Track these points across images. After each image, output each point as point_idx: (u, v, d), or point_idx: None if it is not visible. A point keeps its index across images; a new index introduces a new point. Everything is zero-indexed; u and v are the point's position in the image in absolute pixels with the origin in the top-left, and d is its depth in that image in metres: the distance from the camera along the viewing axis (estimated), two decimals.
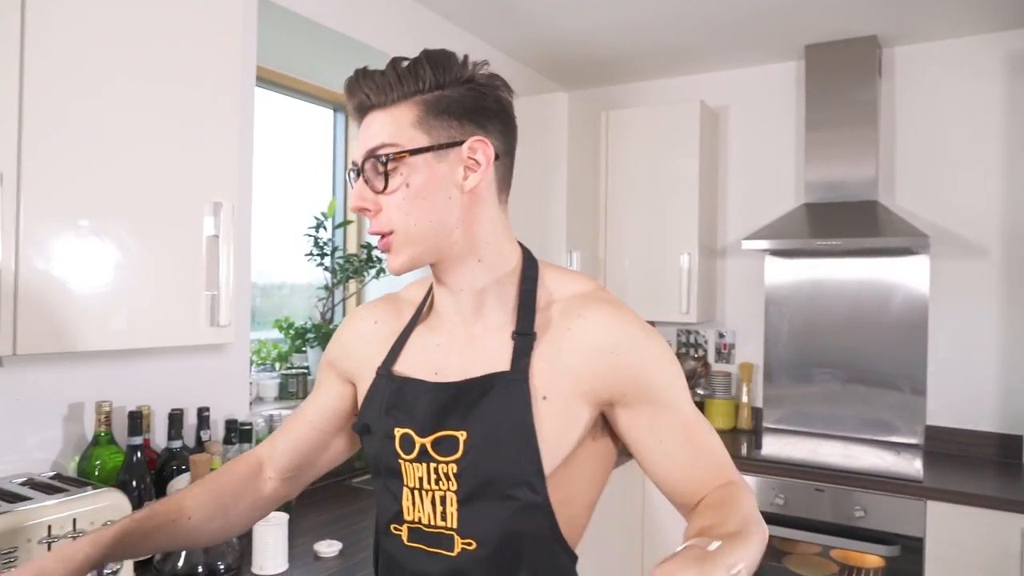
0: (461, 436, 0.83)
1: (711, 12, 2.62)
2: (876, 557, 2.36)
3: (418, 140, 0.81)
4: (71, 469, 1.53)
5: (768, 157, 3.19)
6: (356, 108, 0.85)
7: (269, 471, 1.03)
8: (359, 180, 0.83)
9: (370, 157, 0.82)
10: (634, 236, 3.14)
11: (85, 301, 1.26)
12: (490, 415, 0.82)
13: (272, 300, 2.67)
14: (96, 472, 1.51)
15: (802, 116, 3.02)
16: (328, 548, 1.57)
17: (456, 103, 0.82)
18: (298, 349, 2.58)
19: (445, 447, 0.83)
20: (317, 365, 2.51)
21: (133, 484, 1.49)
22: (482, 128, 0.84)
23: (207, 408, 1.75)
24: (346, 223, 2.75)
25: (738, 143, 3.26)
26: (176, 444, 1.61)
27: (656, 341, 0.86)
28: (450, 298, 0.90)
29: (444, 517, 0.84)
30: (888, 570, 2.34)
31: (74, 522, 1.26)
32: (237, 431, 1.75)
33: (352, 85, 0.84)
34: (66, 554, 0.84)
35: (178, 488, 1.48)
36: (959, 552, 2.21)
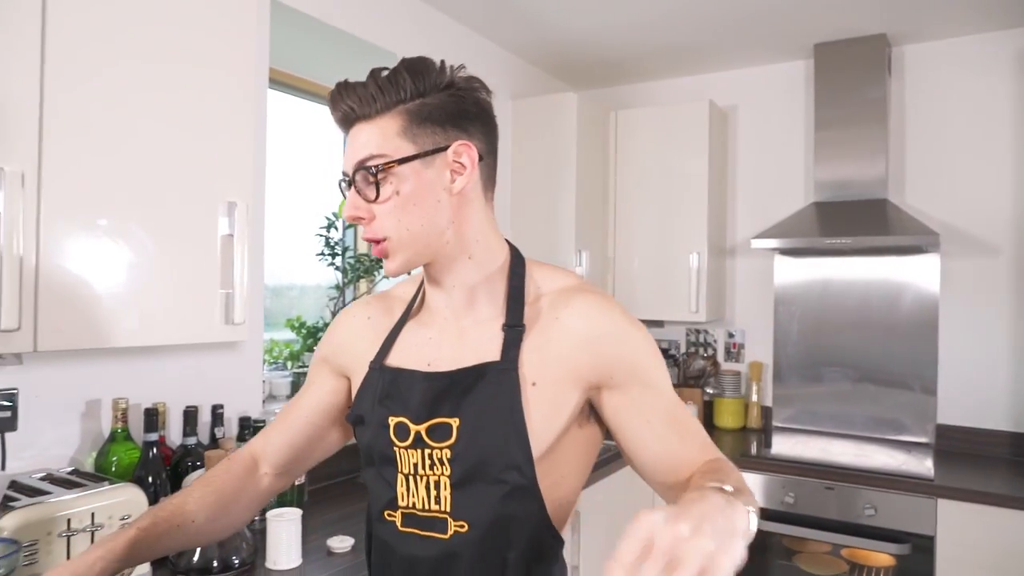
0: (454, 423, 0.87)
1: (720, 11, 2.62)
2: (886, 556, 2.36)
3: (404, 149, 0.85)
4: (88, 465, 1.55)
5: (777, 156, 3.19)
6: (341, 120, 0.88)
7: (265, 467, 1.05)
8: (351, 191, 0.86)
9: (360, 168, 0.85)
10: (643, 235, 3.14)
11: (103, 299, 1.28)
12: (482, 402, 0.86)
13: (282, 301, 2.69)
14: (113, 468, 1.54)
15: (811, 115, 3.01)
16: (341, 544, 1.59)
17: (438, 110, 0.86)
18: (310, 348, 2.60)
19: (439, 434, 0.87)
20: None
21: (149, 480, 1.51)
22: (465, 132, 0.87)
23: (221, 405, 1.77)
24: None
25: (747, 142, 3.26)
26: (191, 441, 1.63)
27: (640, 329, 0.90)
28: (442, 294, 0.94)
29: (438, 501, 0.88)
30: (898, 569, 2.34)
31: (92, 516, 1.29)
32: (250, 428, 1.78)
33: (335, 98, 0.87)
34: (80, 567, 0.85)
35: None
36: (970, 551, 2.21)
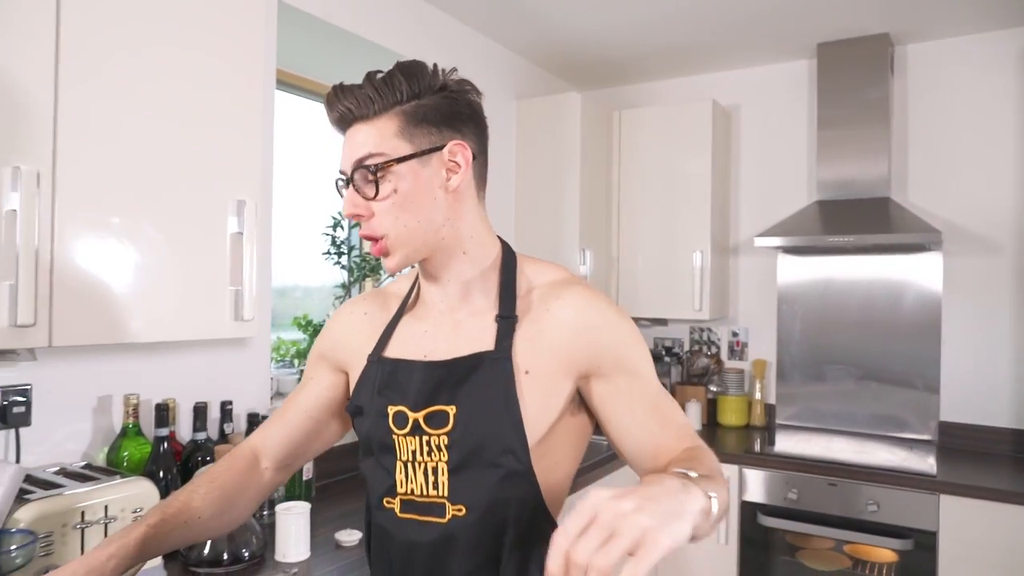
0: (451, 410, 0.90)
1: (723, 11, 2.64)
2: (889, 552, 2.37)
3: (402, 148, 0.88)
4: (100, 460, 1.58)
5: (780, 155, 3.20)
6: (337, 121, 0.91)
7: (265, 462, 1.07)
8: (349, 189, 0.89)
9: (359, 167, 0.87)
10: (647, 234, 3.16)
11: (116, 295, 1.31)
12: (478, 390, 0.90)
13: (286, 302, 2.71)
14: (124, 463, 1.56)
15: (814, 114, 3.03)
16: (348, 537, 1.61)
17: (433, 111, 0.89)
18: None
19: (436, 421, 0.91)
20: None
21: (160, 475, 1.54)
22: (459, 132, 0.91)
23: (230, 402, 1.79)
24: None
25: (750, 141, 3.28)
26: (201, 436, 1.66)
27: (627, 320, 0.94)
28: (437, 288, 0.97)
29: (436, 486, 0.91)
30: (901, 565, 2.35)
31: (106, 509, 1.31)
32: (259, 424, 1.78)
33: (332, 100, 0.90)
34: (95, 563, 0.87)
35: None
36: (972, 546, 2.22)
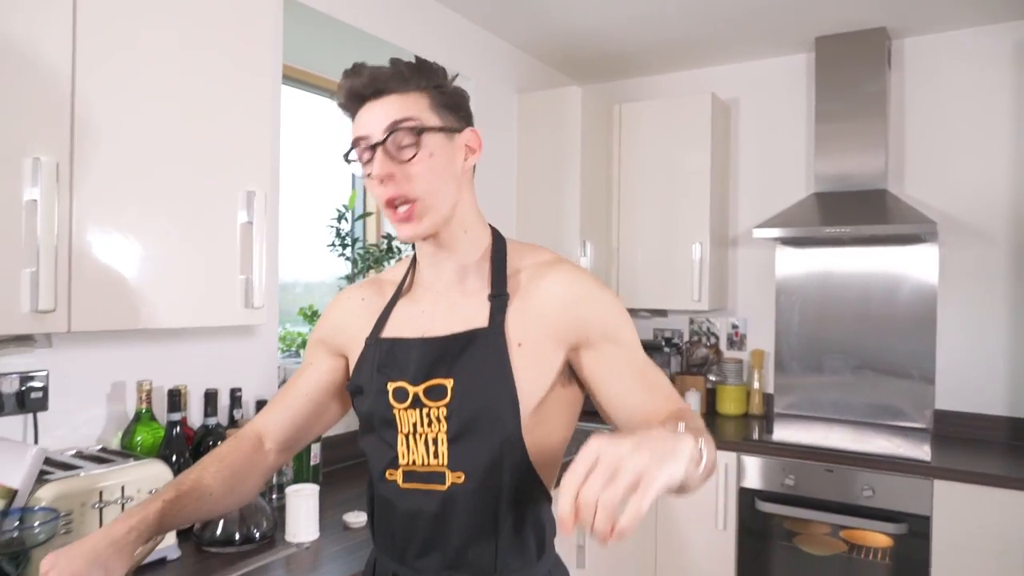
0: (449, 383, 0.95)
1: (722, 5, 2.67)
2: (884, 537, 2.41)
3: (434, 121, 0.95)
4: (115, 444, 1.62)
5: (779, 148, 3.24)
6: (365, 87, 0.93)
7: (269, 443, 1.12)
8: (380, 152, 0.92)
9: (397, 129, 0.91)
10: (647, 226, 3.20)
11: (131, 283, 1.35)
12: (473, 363, 0.95)
13: (287, 297, 2.74)
14: (138, 447, 1.61)
15: (812, 108, 3.06)
16: (356, 519, 1.66)
17: (451, 98, 0.97)
18: None
19: (435, 394, 0.96)
20: None
21: (173, 458, 1.58)
22: (469, 123, 1.00)
23: (239, 388, 1.84)
24: (366, 215, 2.84)
25: (749, 135, 3.31)
26: (212, 421, 1.70)
27: (611, 294, 1.01)
28: (435, 269, 1.03)
29: (436, 456, 0.96)
30: (895, 547, 2.40)
31: (123, 489, 1.36)
32: None
33: (359, 69, 0.94)
34: (117, 534, 0.90)
35: None
36: (965, 529, 2.26)
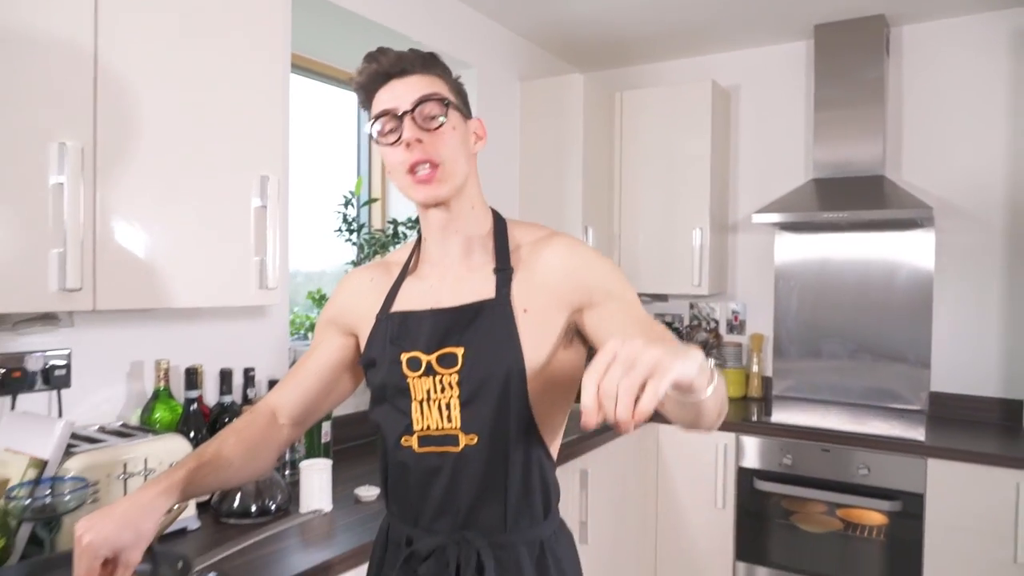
0: (459, 351, 1.01)
1: None
2: (879, 515, 2.48)
3: (455, 100, 1.04)
4: (135, 420, 1.68)
5: (778, 135, 3.28)
6: (392, 65, 1.01)
7: (282, 418, 1.18)
8: (408, 119, 0.99)
9: (427, 100, 0.99)
10: (648, 212, 3.25)
11: (153, 264, 1.40)
12: (483, 332, 1.01)
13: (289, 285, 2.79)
14: (157, 424, 1.66)
15: (811, 94, 3.10)
16: (367, 492, 1.72)
17: (461, 89, 1.07)
18: None
19: (447, 361, 1.02)
20: None
21: (191, 434, 1.64)
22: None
23: (252, 368, 1.89)
24: (371, 201, 2.88)
25: (749, 122, 3.35)
26: (227, 399, 1.76)
27: (609, 260, 1.08)
28: (442, 245, 1.08)
29: (450, 419, 1.02)
30: (890, 525, 2.46)
31: (145, 461, 1.42)
32: None
33: (385, 50, 1.02)
34: (145, 499, 0.95)
35: None
36: (957, 506, 2.33)
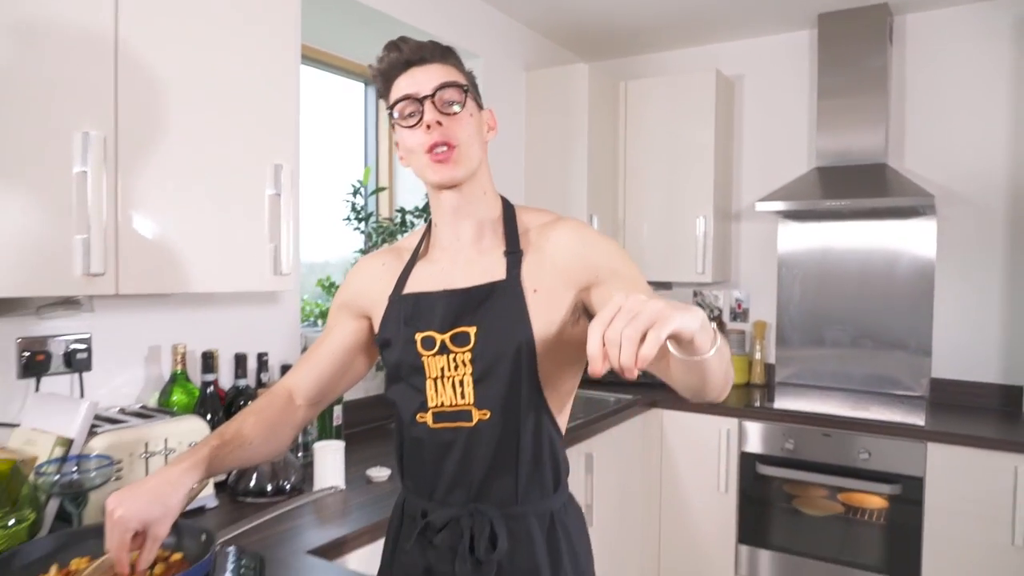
0: (472, 330, 1.05)
1: None
2: (880, 499, 2.52)
3: (472, 89, 1.08)
4: (153, 403, 1.73)
5: (781, 124, 3.30)
6: (413, 52, 1.05)
7: (299, 399, 1.22)
8: (428, 103, 1.03)
9: (447, 86, 1.04)
10: (652, 200, 3.28)
11: (172, 250, 1.45)
12: (494, 311, 1.05)
13: None
14: (174, 406, 1.71)
15: (815, 83, 3.12)
16: (378, 473, 1.77)
17: (475, 81, 1.11)
18: None
19: (460, 340, 1.06)
20: None
21: (208, 416, 1.69)
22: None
23: (265, 353, 1.94)
24: (379, 190, 2.92)
25: (752, 110, 3.38)
26: (242, 382, 1.80)
27: (615, 241, 1.12)
28: (454, 229, 1.11)
29: (463, 396, 1.06)
30: (890, 509, 2.50)
31: (165, 441, 1.47)
32: None
33: (406, 39, 1.07)
34: (173, 475, 0.99)
35: None
36: (957, 489, 2.37)
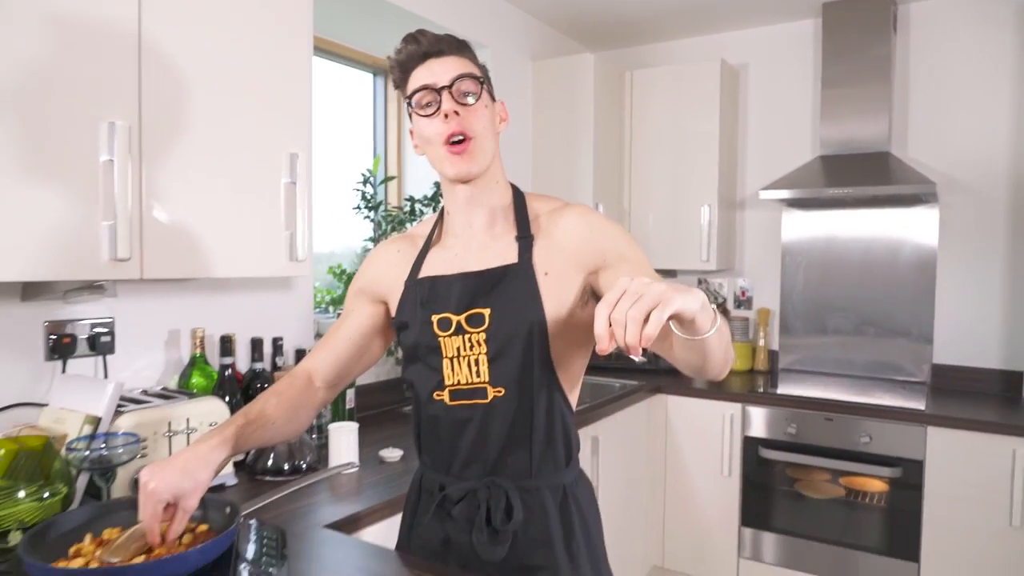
0: (486, 312, 1.09)
1: None
2: (880, 482, 2.57)
3: (487, 82, 1.12)
4: (173, 385, 1.78)
5: (785, 113, 3.33)
6: (432, 44, 1.09)
7: (318, 381, 1.26)
8: (446, 93, 1.06)
9: (464, 77, 1.07)
10: (657, 188, 3.32)
11: (193, 237, 1.50)
12: (508, 293, 1.09)
13: None
14: (194, 389, 1.77)
15: (819, 72, 3.15)
16: (391, 454, 1.82)
17: (488, 74, 1.14)
18: None
19: (475, 321, 1.10)
20: None
21: (226, 398, 1.74)
22: None
23: (281, 338, 1.99)
24: (388, 179, 2.96)
25: (757, 100, 3.41)
26: (259, 366, 1.86)
27: (621, 226, 1.16)
28: (468, 215, 1.15)
29: (478, 374, 1.11)
30: (891, 491, 2.55)
31: (187, 421, 1.52)
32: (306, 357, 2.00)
33: (424, 31, 1.11)
34: (202, 451, 1.02)
35: None
36: (956, 472, 2.41)
